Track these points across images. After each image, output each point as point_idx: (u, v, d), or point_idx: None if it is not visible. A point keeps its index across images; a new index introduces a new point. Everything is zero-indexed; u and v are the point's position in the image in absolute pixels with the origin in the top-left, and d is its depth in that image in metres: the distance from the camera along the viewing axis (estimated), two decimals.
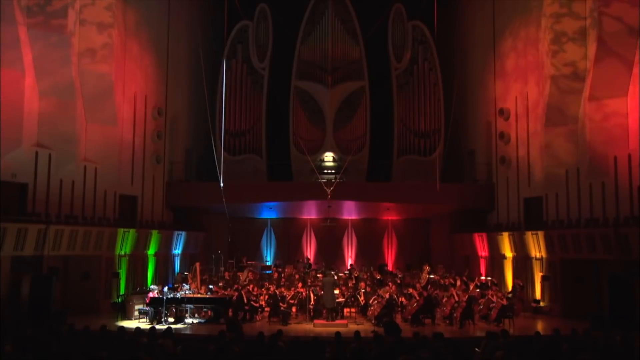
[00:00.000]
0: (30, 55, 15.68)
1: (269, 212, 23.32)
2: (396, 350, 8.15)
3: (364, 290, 16.65)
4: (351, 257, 24.40)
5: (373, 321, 15.03)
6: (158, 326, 12.63)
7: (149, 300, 15.26)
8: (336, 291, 15.95)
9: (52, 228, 15.31)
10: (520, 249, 18.42)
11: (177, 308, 15.47)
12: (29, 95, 15.65)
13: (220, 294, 16.01)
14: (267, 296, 16.37)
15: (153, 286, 16.08)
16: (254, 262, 21.18)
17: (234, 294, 15.84)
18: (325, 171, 22.03)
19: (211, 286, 16.90)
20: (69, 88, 16.58)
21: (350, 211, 23.38)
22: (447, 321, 15.26)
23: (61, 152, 16.50)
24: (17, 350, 7.75)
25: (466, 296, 15.24)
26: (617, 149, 15.76)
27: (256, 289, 16.87)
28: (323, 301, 15.59)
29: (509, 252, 19.12)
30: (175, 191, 21.31)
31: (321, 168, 22.08)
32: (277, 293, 15.93)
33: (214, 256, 19.74)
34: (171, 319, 15.12)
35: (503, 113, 20.02)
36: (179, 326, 14.60)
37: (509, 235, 18.86)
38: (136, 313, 15.62)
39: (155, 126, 20.49)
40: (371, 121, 22.63)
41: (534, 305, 17.68)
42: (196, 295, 15.80)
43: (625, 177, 15.45)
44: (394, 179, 22.28)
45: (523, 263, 18.47)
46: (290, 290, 16.63)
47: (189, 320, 15.47)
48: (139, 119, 19.72)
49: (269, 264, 22.27)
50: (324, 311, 15.52)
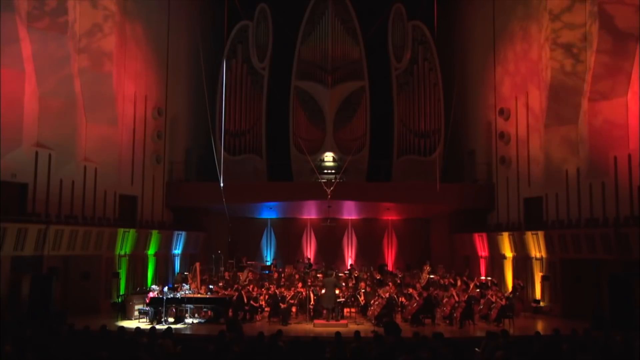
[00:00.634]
0: (31, 55, 15.68)
1: (269, 212, 23.32)
2: (396, 350, 8.15)
3: (364, 290, 16.65)
4: (351, 257, 24.40)
5: (373, 321, 15.03)
6: (158, 326, 12.62)
7: (149, 300, 15.26)
8: (336, 291, 15.93)
9: (52, 228, 15.31)
10: (520, 249, 18.42)
11: (177, 308, 15.47)
12: (29, 95, 15.64)
13: (220, 294, 16.01)
14: (267, 296, 16.37)
15: (154, 286, 16.08)
16: (254, 262, 21.17)
17: (234, 294, 15.84)
18: (325, 171, 22.02)
19: (211, 286, 16.90)
20: (69, 88, 16.58)
21: (350, 211, 23.37)
22: (447, 321, 15.26)
23: (61, 152, 16.50)
24: (17, 350, 7.76)
25: (466, 296, 15.24)
26: (617, 149, 15.76)
27: (256, 289, 16.87)
28: (322, 301, 15.58)
29: (509, 252, 19.12)
30: (175, 191, 21.30)
31: (321, 168, 22.08)
32: (277, 293, 15.93)
33: (214, 256, 19.74)
34: (171, 319, 15.12)
35: (503, 113, 20.02)
36: (179, 326, 14.60)
37: (509, 235, 18.86)
38: (136, 313, 15.62)
39: (155, 126, 20.49)
40: (371, 121, 22.62)
41: (534, 305, 17.68)
42: (196, 295, 15.79)
43: (625, 177, 15.45)
44: (394, 179, 22.27)
45: (523, 263, 18.47)
46: (290, 290, 16.63)
47: (189, 320, 15.47)
48: (139, 119, 19.71)
49: (268, 264, 22.25)
50: (324, 311, 15.52)
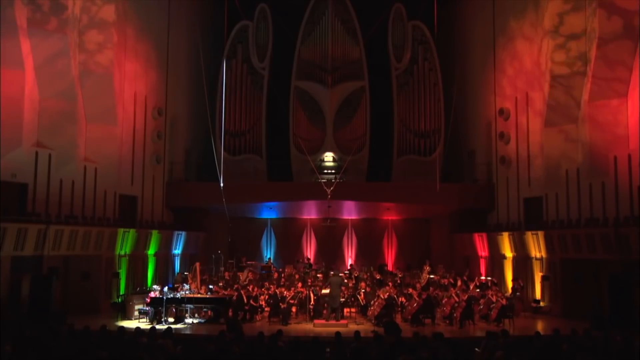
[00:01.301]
0: (31, 55, 15.68)
1: (269, 212, 23.32)
2: (396, 350, 8.15)
3: (364, 290, 16.65)
4: (351, 257, 24.40)
5: (373, 321, 15.02)
6: (158, 326, 12.63)
7: (149, 300, 15.26)
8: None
9: (52, 228, 15.30)
10: (520, 249, 18.42)
11: (177, 308, 15.46)
12: (29, 95, 15.65)
13: (220, 294, 16.01)
14: (267, 296, 16.37)
15: (155, 286, 16.08)
16: (253, 262, 21.17)
17: (233, 293, 15.85)
18: (325, 171, 22.04)
19: (211, 286, 16.90)
20: (69, 88, 16.58)
21: (350, 211, 23.38)
22: (447, 321, 15.26)
23: (61, 152, 16.50)
24: (17, 350, 7.76)
25: (466, 296, 15.24)
26: (617, 149, 15.77)
27: (256, 289, 16.87)
28: (327, 300, 15.53)
29: (509, 252, 19.12)
30: (175, 191, 21.31)
31: (321, 168, 22.09)
32: (277, 293, 15.93)
33: (214, 256, 19.74)
34: (171, 319, 15.12)
35: (503, 113, 20.03)
36: (179, 326, 14.61)
37: (509, 235, 18.86)
38: (136, 313, 15.62)
39: (155, 126, 20.50)
40: (371, 121, 22.63)
41: (534, 305, 17.68)
42: (196, 295, 15.79)
43: (625, 177, 15.45)
44: (394, 179, 22.28)
45: (523, 263, 18.47)
46: (290, 290, 16.63)
47: (189, 320, 15.47)
48: (139, 119, 19.72)
49: (273, 265, 22.23)
50: (324, 311, 15.51)
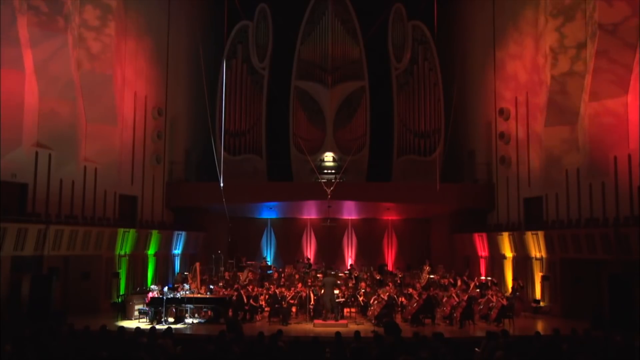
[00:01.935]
0: (30, 55, 15.68)
1: (269, 212, 23.32)
2: (396, 350, 8.15)
3: (364, 290, 16.65)
4: (351, 257, 24.39)
5: (373, 321, 15.03)
6: (158, 326, 12.63)
7: (149, 300, 15.26)
8: (336, 291, 15.94)
9: (52, 228, 15.31)
10: (520, 249, 18.42)
11: (177, 308, 15.47)
12: (29, 95, 15.65)
13: (220, 294, 16.01)
14: (267, 296, 16.37)
15: (154, 286, 16.08)
16: (253, 262, 21.18)
17: (233, 293, 15.85)
18: (325, 171, 22.04)
19: (211, 286, 16.90)
20: (69, 88, 16.59)
21: (350, 211, 23.37)
22: (447, 321, 15.26)
23: (61, 152, 16.50)
24: (17, 350, 7.76)
25: (466, 296, 15.24)
26: (617, 149, 15.76)
27: (256, 288, 16.86)
28: (322, 301, 15.61)
29: (509, 252, 19.12)
30: (175, 191, 21.32)
31: (321, 168, 22.08)
32: (277, 293, 15.93)
33: (214, 256, 19.74)
34: (171, 319, 15.13)
35: (503, 113, 20.03)
36: (179, 326, 14.61)
37: (509, 235, 18.86)
38: (136, 313, 15.62)
39: (155, 126, 20.50)
40: (371, 121, 22.62)
41: (534, 305, 17.68)
42: (196, 295, 15.80)
43: (625, 177, 15.45)
44: (394, 179, 22.28)
45: (523, 263, 18.47)
46: (290, 290, 16.63)
47: (189, 320, 15.47)
48: (139, 119, 19.72)
49: (268, 263, 22.25)
50: (324, 311, 15.52)
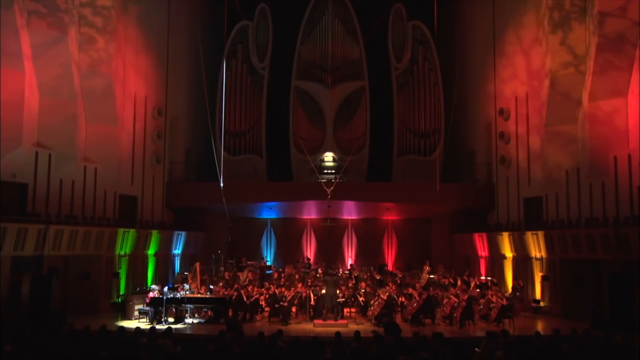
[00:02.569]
0: (31, 55, 15.69)
1: (269, 212, 23.32)
2: (396, 350, 8.16)
3: (364, 290, 16.65)
4: (351, 257, 24.39)
5: (373, 321, 15.03)
6: (158, 326, 12.64)
7: (149, 300, 15.26)
8: (337, 291, 15.93)
9: (52, 228, 15.31)
10: (520, 249, 18.42)
11: (177, 308, 15.46)
12: (29, 95, 15.66)
13: (220, 294, 16.01)
14: (267, 296, 16.37)
15: (154, 286, 16.08)
16: (253, 262, 21.18)
17: (233, 294, 15.85)
18: (325, 171, 22.03)
19: (211, 286, 16.90)
20: (69, 88, 16.59)
21: (350, 211, 23.38)
22: (447, 321, 15.26)
23: (61, 152, 16.51)
24: (17, 350, 7.76)
25: (466, 296, 15.24)
26: (617, 149, 15.77)
27: (256, 289, 16.86)
28: (323, 300, 15.59)
29: (509, 252, 19.12)
30: (175, 191, 21.32)
31: (321, 168, 22.08)
32: (277, 293, 15.93)
33: (214, 256, 19.73)
34: (171, 319, 15.13)
35: (503, 113, 20.03)
36: (179, 326, 14.61)
37: (509, 235, 18.86)
38: (136, 313, 15.62)
39: (155, 126, 20.50)
40: (371, 121, 22.61)
41: (534, 305, 17.67)
42: (196, 295, 15.79)
43: (625, 177, 15.45)
44: (394, 179, 22.28)
45: (523, 263, 18.47)
46: (290, 290, 16.63)
47: (189, 320, 15.47)
48: (139, 119, 19.73)
49: (268, 263, 22.26)
50: (324, 311, 15.52)
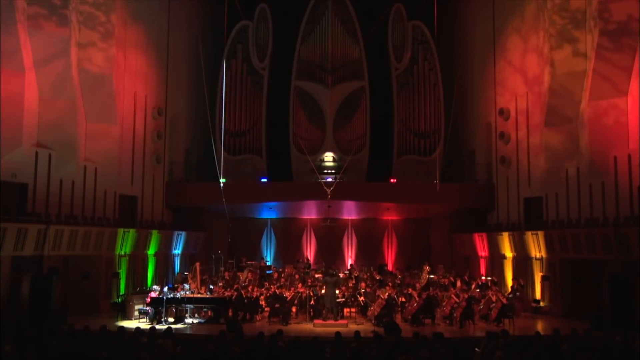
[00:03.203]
0: (31, 56, 15.69)
1: (269, 212, 23.32)
2: (396, 350, 8.15)
3: (364, 290, 16.65)
4: (351, 257, 24.39)
5: (373, 321, 15.03)
6: (158, 326, 12.64)
7: (149, 300, 15.26)
8: (336, 291, 15.93)
9: (52, 228, 15.30)
10: (520, 249, 18.41)
11: (177, 308, 15.46)
12: (29, 95, 15.66)
13: (220, 293, 16.01)
14: (267, 296, 16.37)
15: (155, 286, 16.09)
16: (253, 262, 21.18)
17: (233, 294, 15.85)
18: (325, 171, 22.03)
19: (211, 286, 16.90)
20: (68, 88, 16.58)
21: (350, 211, 23.37)
22: (447, 321, 15.26)
23: (61, 152, 16.50)
24: (17, 350, 7.76)
25: (466, 296, 15.24)
26: (617, 149, 15.77)
27: (256, 289, 16.86)
28: (323, 300, 15.59)
29: (509, 252, 19.12)
30: (175, 191, 21.32)
31: (321, 168, 22.08)
32: (277, 293, 15.93)
33: (214, 256, 19.74)
34: (171, 319, 15.12)
35: (503, 113, 20.03)
36: (179, 326, 14.60)
37: (509, 235, 18.86)
38: (136, 313, 15.62)
39: (155, 126, 20.50)
40: (371, 121, 22.62)
41: (534, 305, 17.68)
42: (196, 295, 15.80)
43: (625, 177, 15.45)
44: (394, 179, 22.27)
45: (523, 263, 18.47)
46: (290, 290, 16.63)
47: (189, 320, 15.47)
48: (139, 119, 19.72)
49: (268, 263, 22.27)
50: (324, 311, 15.52)
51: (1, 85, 14.67)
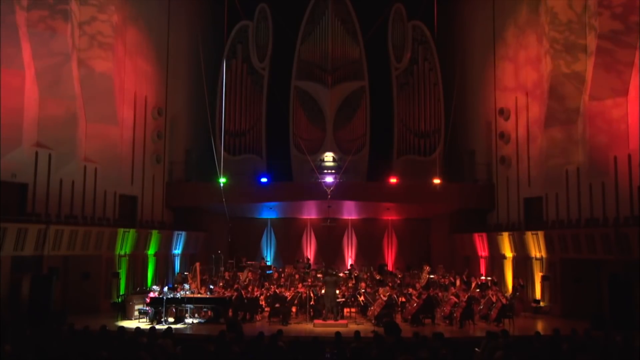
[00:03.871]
0: (30, 56, 15.69)
1: (269, 212, 23.30)
2: (396, 350, 8.15)
3: (364, 291, 16.64)
4: (351, 257, 24.36)
5: (373, 321, 15.03)
6: (158, 326, 12.64)
7: (149, 300, 15.26)
8: (336, 291, 15.93)
9: (52, 228, 15.32)
10: (520, 249, 18.42)
11: (177, 308, 15.46)
12: (28, 95, 15.66)
13: (220, 293, 16.01)
14: (267, 296, 16.37)
15: (155, 286, 16.08)
16: (254, 262, 21.17)
17: (233, 294, 15.85)
18: (325, 171, 22.03)
19: (211, 286, 16.89)
20: (69, 88, 16.58)
21: (350, 211, 23.36)
22: (447, 321, 15.25)
23: (61, 152, 16.50)
24: (17, 350, 7.76)
25: (466, 296, 15.24)
26: (617, 149, 15.77)
27: (256, 289, 16.86)
28: (323, 300, 15.60)
29: (509, 252, 19.12)
30: (175, 191, 21.32)
31: (321, 168, 22.07)
32: (277, 293, 15.92)
33: (214, 256, 19.72)
34: (171, 319, 15.12)
35: (503, 113, 20.04)
36: (179, 326, 14.60)
37: (509, 235, 18.86)
38: (136, 313, 15.62)
39: (155, 126, 20.50)
40: (371, 121, 22.61)
41: (534, 305, 17.68)
42: (196, 295, 15.79)
43: (625, 177, 15.46)
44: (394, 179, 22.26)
45: (523, 263, 18.47)
46: (290, 290, 16.63)
47: (189, 320, 15.47)
48: (139, 119, 19.72)
49: (268, 263, 22.25)
50: (324, 311, 15.52)
51: (1, 85, 14.67)
